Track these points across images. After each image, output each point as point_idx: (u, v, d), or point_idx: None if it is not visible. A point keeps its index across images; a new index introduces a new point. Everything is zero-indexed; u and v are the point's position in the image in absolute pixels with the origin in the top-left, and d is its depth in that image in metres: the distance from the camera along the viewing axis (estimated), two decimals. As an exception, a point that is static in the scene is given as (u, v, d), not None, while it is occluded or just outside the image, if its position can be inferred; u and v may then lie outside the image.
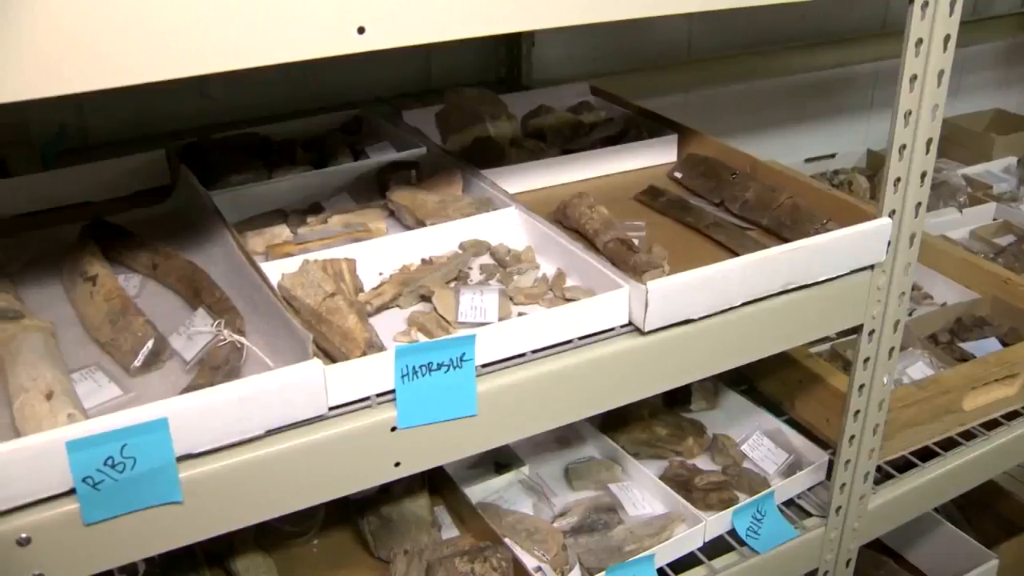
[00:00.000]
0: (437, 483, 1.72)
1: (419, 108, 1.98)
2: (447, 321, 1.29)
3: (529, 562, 1.55)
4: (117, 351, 1.24)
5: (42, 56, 0.84)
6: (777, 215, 1.56)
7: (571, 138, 1.87)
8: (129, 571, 1.43)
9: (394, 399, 1.16)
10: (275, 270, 1.35)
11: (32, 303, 1.38)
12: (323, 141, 1.84)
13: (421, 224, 1.51)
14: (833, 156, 3.00)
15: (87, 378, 1.20)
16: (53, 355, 1.21)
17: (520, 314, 1.33)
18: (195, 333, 1.23)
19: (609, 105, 2.03)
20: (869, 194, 2.73)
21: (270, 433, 1.10)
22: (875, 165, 2.96)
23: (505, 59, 2.37)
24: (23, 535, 1.01)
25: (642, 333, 1.31)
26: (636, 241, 1.46)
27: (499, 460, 1.82)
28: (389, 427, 1.16)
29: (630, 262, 1.38)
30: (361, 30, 0.98)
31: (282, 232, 1.49)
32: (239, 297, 1.31)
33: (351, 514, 1.67)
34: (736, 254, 1.47)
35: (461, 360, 1.17)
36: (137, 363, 1.21)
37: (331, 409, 1.13)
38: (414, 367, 1.15)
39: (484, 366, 1.22)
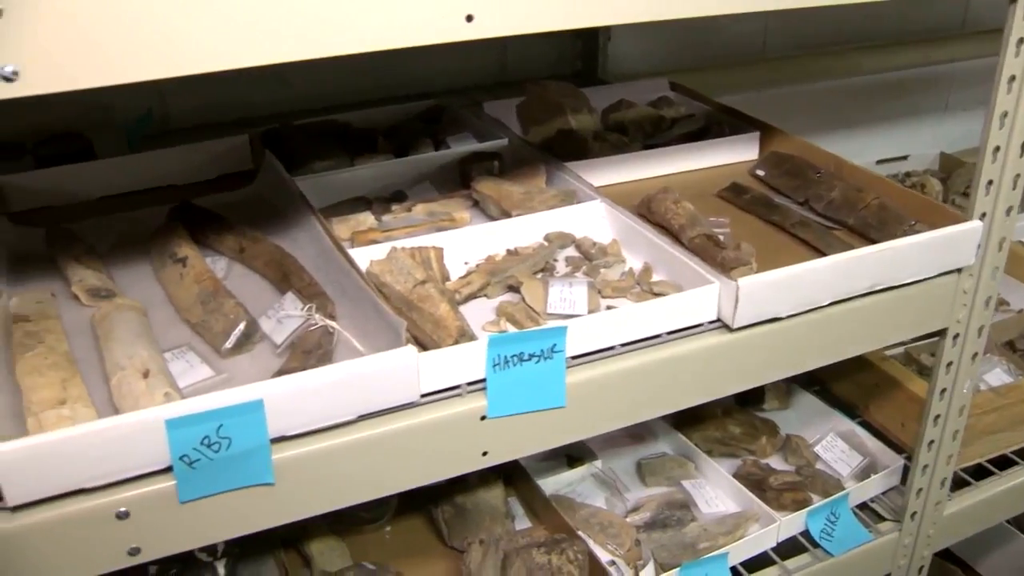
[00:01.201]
0: (510, 474, 1.72)
1: (495, 100, 1.98)
2: (536, 312, 1.28)
3: (602, 556, 1.55)
4: (208, 332, 1.24)
5: (128, 43, 0.86)
6: (864, 216, 1.54)
7: (652, 133, 1.86)
8: (209, 551, 1.45)
9: (484, 388, 1.16)
10: (361, 257, 1.36)
11: (121, 283, 1.40)
12: (403, 130, 1.84)
13: (506, 215, 1.51)
14: (905, 158, 2.95)
15: (179, 358, 1.21)
16: (147, 334, 1.22)
17: (608, 307, 1.32)
18: (285, 317, 1.24)
19: (689, 101, 2.02)
20: (942, 197, 2.69)
21: (362, 418, 1.11)
22: (948, 168, 2.91)
23: (581, 53, 2.36)
24: (122, 509, 1.03)
25: (730, 330, 1.30)
26: (721, 238, 1.45)
27: (571, 453, 1.82)
28: (479, 416, 1.16)
29: (718, 258, 1.37)
30: (470, 18, 0.99)
31: (366, 219, 1.49)
32: (326, 282, 1.32)
33: (424, 502, 1.68)
34: (822, 254, 1.46)
35: (552, 351, 1.17)
36: (228, 345, 1.22)
37: (423, 396, 1.14)
38: (506, 357, 1.15)
39: (573, 358, 1.22)
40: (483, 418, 1.17)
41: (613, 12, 1.05)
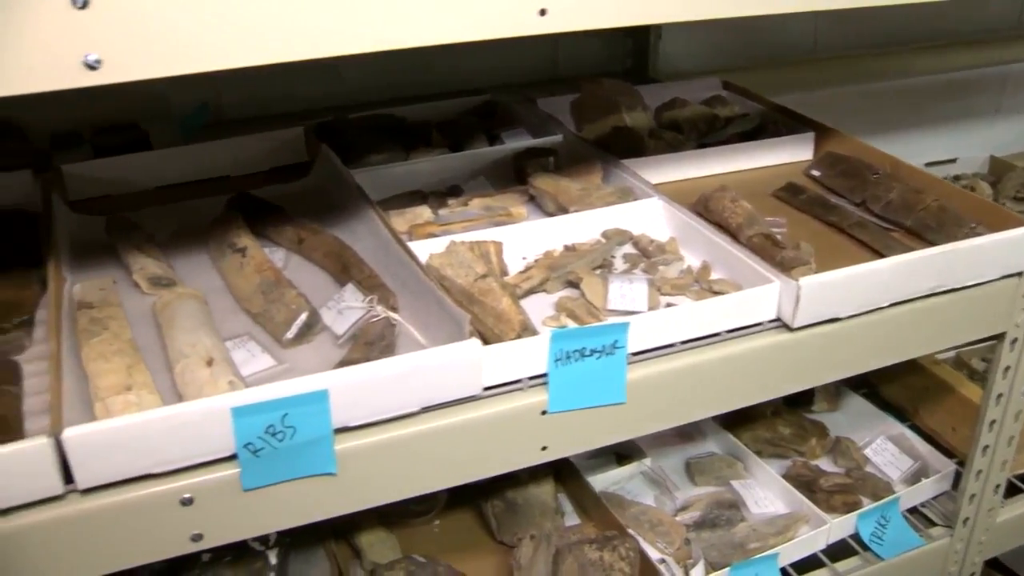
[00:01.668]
0: (560, 470, 1.72)
1: (545, 96, 1.98)
2: (596, 308, 1.28)
3: (652, 554, 1.55)
4: (269, 322, 1.25)
5: (185, 35, 0.86)
6: (922, 217, 1.53)
7: (706, 132, 1.86)
8: (262, 540, 1.46)
9: (546, 383, 1.16)
10: (419, 250, 1.36)
11: (180, 271, 1.41)
12: (457, 124, 1.85)
13: (563, 211, 1.51)
14: (954, 161, 2.93)
15: (240, 347, 1.22)
16: (209, 323, 1.23)
17: (667, 305, 1.32)
18: (346, 308, 1.24)
19: (742, 100, 2.01)
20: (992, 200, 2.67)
21: (425, 410, 1.11)
22: (998, 171, 2.88)
23: (632, 51, 2.36)
24: (186, 495, 1.03)
25: (790, 329, 1.29)
26: (779, 237, 1.44)
27: (620, 451, 1.82)
28: (539, 410, 1.16)
29: (777, 258, 1.37)
30: (543, 12, 0.99)
31: (423, 213, 1.50)
32: (385, 274, 1.32)
33: (473, 497, 1.68)
34: (880, 255, 1.45)
35: (614, 347, 1.17)
36: (290, 335, 1.22)
37: (485, 389, 1.14)
38: (567, 352, 1.15)
39: (634, 354, 1.22)
40: (543, 413, 1.17)
41: (685, 9, 1.05)
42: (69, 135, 1.92)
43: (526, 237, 1.46)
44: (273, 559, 1.47)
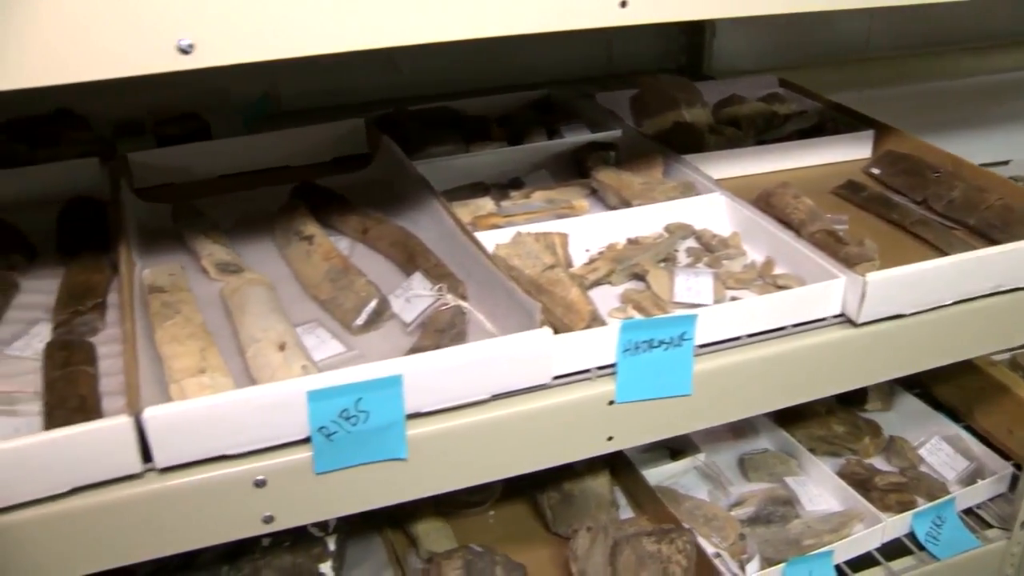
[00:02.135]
0: (614, 464, 1.72)
1: (599, 92, 1.99)
2: (662, 300, 1.29)
3: (707, 548, 1.55)
4: (338, 309, 1.26)
5: (276, 20, 0.88)
6: (986, 216, 1.52)
7: (764, 129, 1.86)
8: (321, 526, 1.47)
9: (614, 373, 1.17)
10: (484, 241, 1.37)
11: (245, 259, 1.42)
12: (516, 118, 1.86)
13: (626, 204, 1.51)
14: (1007, 163, 2.91)
15: (309, 333, 1.23)
16: (279, 308, 1.25)
17: (732, 298, 1.32)
18: (414, 296, 1.26)
19: (799, 98, 2.01)
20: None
21: (495, 398, 1.12)
22: (1052, 174, 2.87)
23: (686, 47, 2.36)
24: (260, 477, 1.05)
25: (854, 325, 1.29)
26: (841, 234, 1.44)
27: (674, 446, 1.82)
28: (607, 401, 1.17)
29: (840, 254, 1.36)
30: (624, 4, 0.99)
31: (486, 204, 1.51)
32: (450, 264, 1.33)
33: (527, 488, 1.69)
34: (943, 253, 1.45)
35: (681, 339, 1.18)
36: (359, 321, 1.23)
37: (554, 379, 1.15)
38: (636, 343, 1.16)
39: (700, 346, 1.22)
40: (610, 403, 1.17)
41: (761, 3, 1.05)
42: (131, 124, 1.94)
43: (589, 230, 1.46)
44: (332, 545, 1.49)
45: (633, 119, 1.89)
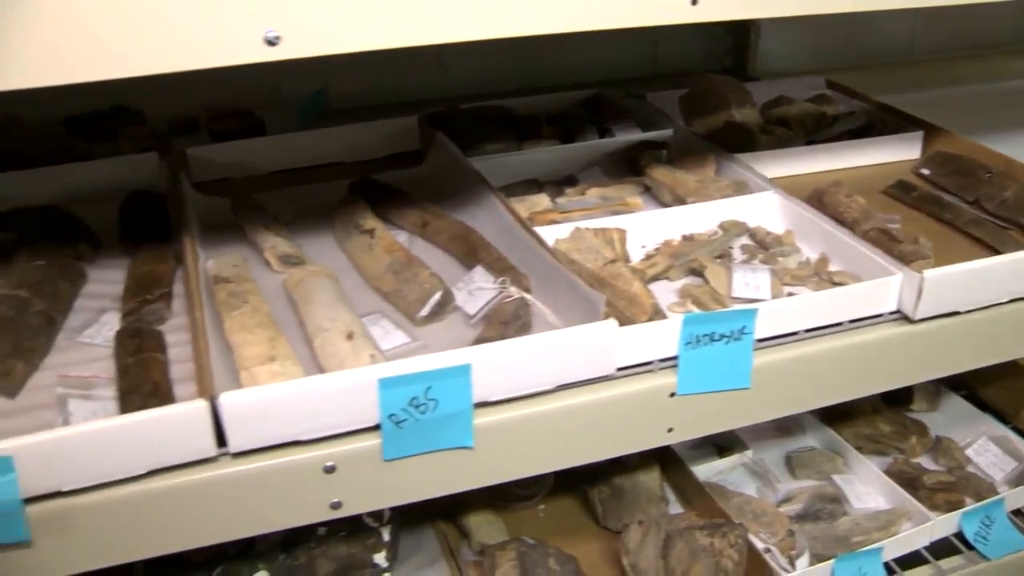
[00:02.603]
0: (664, 459, 1.73)
1: (645, 92, 2.01)
2: (720, 295, 1.30)
3: (756, 544, 1.56)
4: (402, 300, 1.28)
5: (330, 17, 0.90)
6: (1040, 215, 1.53)
7: (814, 129, 1.87)
8: (376, 516, 1.49)
9: (675, 365, 1.19)
10: (542, 236, 1.38)
11: (305, 252, 1.44)
12: (566, 117, 1.88)
13: (680, 202, 1.53)
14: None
15: (374, 324, 1.25)
16: (344, 299, 1.27)
17: (789, 294, 1.34)
18: (476, 289, 1.27)
19: (847, 99, 2.02)
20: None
21: (560, 388, 1.14)
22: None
23: (732, 49, 2.38)
24: (329, 463, 1.07)
25: (910, 321, 1.30)
26: (894, 232, 1.45)
27: (720, 443, 1.83)
28: (668, 393, 1.19)
29: (895, 252, 1.38)
30: (694, 1, 1.01)
31: (542, 200, 1.53)
32: (510, 258, 1.35)
33: (576, 482, 1.70)
34: (997, 252, 1.45)
35: (741, 333, 1.19)
36: (423, 313, 1.25)
37: (618, 370, 1.16)
38: (698, 336, 1.17)
39: (758, 341, 1.23)
40: (672, 395, 1.19)
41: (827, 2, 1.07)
42: (186, 120, 1.97)
43: (643, 226, 1.48)
44: (386, 536, 1.50)
45: (683, 118, 1.90)
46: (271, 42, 0.88)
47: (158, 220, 1.51)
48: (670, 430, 1.22)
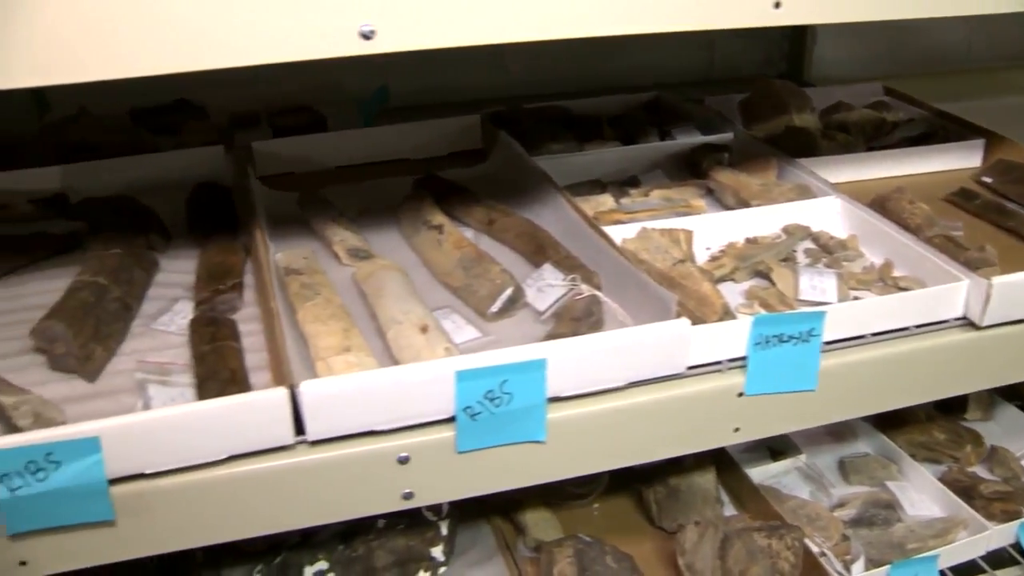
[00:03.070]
0: (718, 461, 1.74)
1: (700, 95, 2.02)
2: (787, 298, 1.31)
3: (811, 547, 1.56)
4: (472, 296, 1.30)
5: (424, 13, 0.91)
6: (1105, 225, 1.53)
7: (873, 136, 1.87)
8: (435, 510, 1.50)
9: (743, 366, 1.19)
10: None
11: (372, 246, 1.46)
12: (626, 118, 1.89)
13: (743, 205, 1.54)
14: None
15: (445, 318, 1.27)
16: (415, 293, 1.28)
17: (855, 298, 1.34)
18: (546, 286, 1.29)
19: (906, 106, 2.02)
20: None
21: (631, 385, 1.15)
22: None
23: (787, 54, 2.38)
24: (403, 454, 1.08)
25: (976, 328, 1.30)
26: (958, 239, 1.46)
27: (773, 447, 1.83)
28: (736, 392, 1.20)
29: (960, 258, 1.38)
30: (777, 5, 1.02)
31: (607, 200, 1.54)
32: (578, 256, 1.36)
33: (631, 482, 1.71)
34: (1061, 261, 1.45)
35: (809, 335, 1.20)
36: (494, 308, 1.27)
37: (688, 368, 1.17)
38: (767, 336, 1.18)
39: (825, 343, 1.24)
40: (739, 395, 1.20)
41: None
42: (248, 115, 1.99)
43: (707, 228, 1.49)
44: (444, 530, 1.52)
45: (742, 122, 1.91)
46: (366, 36, 0.89)
47: (225, 212, 1.53)
48: (736, 430, 1.23)
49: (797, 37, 2.36)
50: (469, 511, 1.61)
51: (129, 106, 1.96)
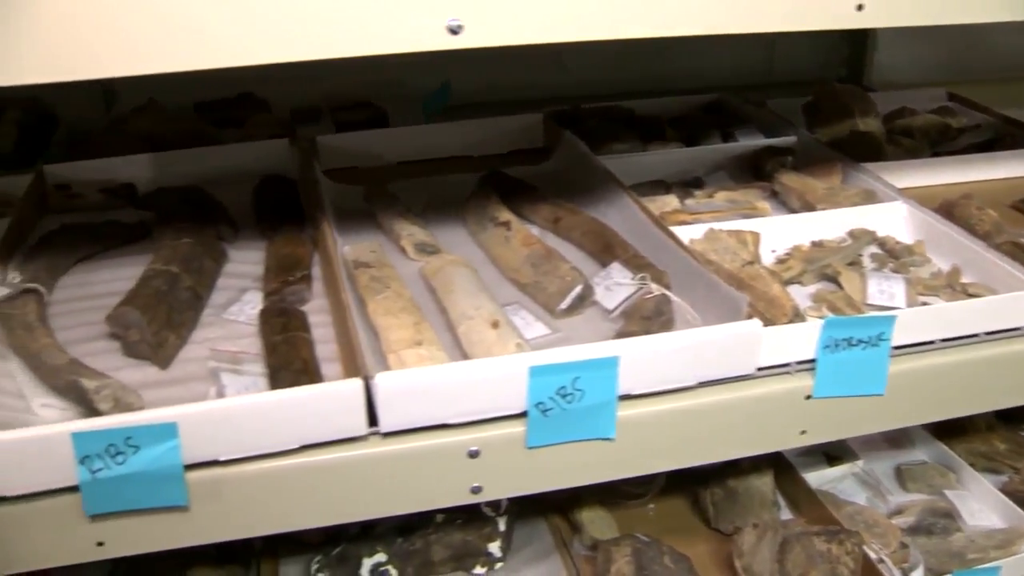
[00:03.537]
0: (775, 465, 1.73)
1: (760, 98, 2.01)
2: (855, 301, 1.30)
3: (868, 554, 1.55)
4: (541, 293, 1.30)
5: (511, 9, 0.92)
6: None
7: (938, 141, 1.86)
8: (494, 506, 1.51)
9: (812, 368, 1.19)
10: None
11: (438, 241, 1.47)
12: (689, 120, 1.89)
13: (808, 208, 1.53)
14: None
15: (514, 314, 1.27)
16: (485, 289, 1.29)
17: (923, 303, 1.33)
18: (614, 284, 1.29)
19: (970, 112, 2.01)
20: None
21: (701, 385, 1.15)
22: None
23: (847, 59, 2.37)
24: (473, 448, 1.09)
25: (1046, 335, 1.30)
26: (1027, 246, 1.45)
27: (830, 452, 1.82)
28: (804, 395, 1.19)
29: (1030, 266, 1.37)
30: (860, 7, 1.02)
31: (671, 201, 1.54)
32: (645, 255, 1.36)
33: (688, 483, 1.71)
34: None
35: (879, 339, 1.19)
36: (563, 305, 1.27)
37: (758, 370, 1.17)
38: (836, 340, 1.17)
39: (893, 348, 1.23)
40: (807, 397, 1.19)
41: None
42: (309, 110, 2.01)
43: (772, 230, 1.49)
44: (502, 526, 1.52)
45: (805, 126, 1.90)
46: (454, 31, 0.90)
47: (291, 204, 1.54)
48: (803, 432, 1.22)
49: (858, 41, 2.34)
50: (526, 508, 1.61)
51: (194, 99, 1.98)
